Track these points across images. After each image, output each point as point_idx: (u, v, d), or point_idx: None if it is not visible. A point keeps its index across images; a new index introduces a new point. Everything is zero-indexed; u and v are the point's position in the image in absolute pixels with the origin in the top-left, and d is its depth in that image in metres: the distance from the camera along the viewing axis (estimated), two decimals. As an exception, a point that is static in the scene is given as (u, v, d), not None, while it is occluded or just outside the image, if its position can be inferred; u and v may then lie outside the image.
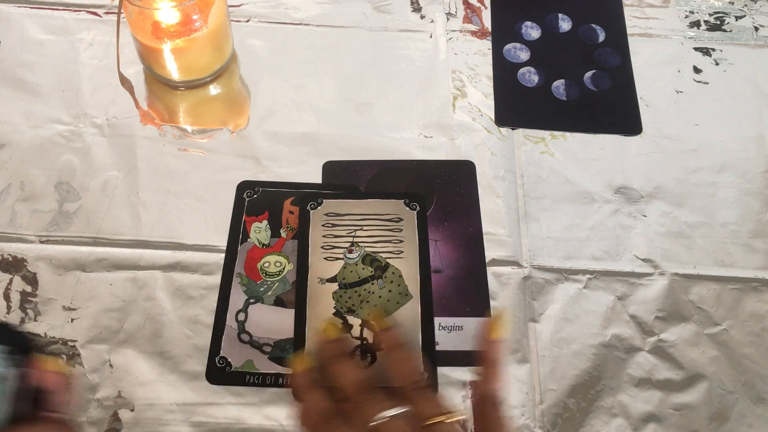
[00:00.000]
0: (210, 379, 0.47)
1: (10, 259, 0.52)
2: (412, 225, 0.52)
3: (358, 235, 0.52)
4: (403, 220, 0.52)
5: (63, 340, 0.49)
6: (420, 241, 0.52)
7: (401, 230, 0.52)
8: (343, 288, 0.50)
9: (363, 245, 0.51)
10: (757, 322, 0.51)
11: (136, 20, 0.56)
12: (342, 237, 0.51)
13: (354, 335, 0.48)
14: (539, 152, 0.59)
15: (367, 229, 0.52)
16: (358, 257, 0.51)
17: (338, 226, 0.52)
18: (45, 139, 0.57)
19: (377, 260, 0.51)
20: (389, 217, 0.53)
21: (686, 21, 0.68)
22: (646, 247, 0.54)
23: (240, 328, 0.49)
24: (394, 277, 0.50)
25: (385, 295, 0.49)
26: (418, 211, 0.53)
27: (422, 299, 0.49)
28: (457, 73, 0.63)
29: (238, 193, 0.55)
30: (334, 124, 0.59)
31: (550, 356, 0.49)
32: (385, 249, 0.51)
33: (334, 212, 0.52)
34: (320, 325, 0.45)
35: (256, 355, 0.48)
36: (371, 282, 0.50)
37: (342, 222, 0.52)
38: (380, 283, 0.50)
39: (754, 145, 0.60)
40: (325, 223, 0.52)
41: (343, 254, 0.51)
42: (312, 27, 0.66)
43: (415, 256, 0.51)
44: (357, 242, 0.51)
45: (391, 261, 0.51)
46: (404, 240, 0.52)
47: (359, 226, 0.52)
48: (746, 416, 0.48)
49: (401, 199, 0.54)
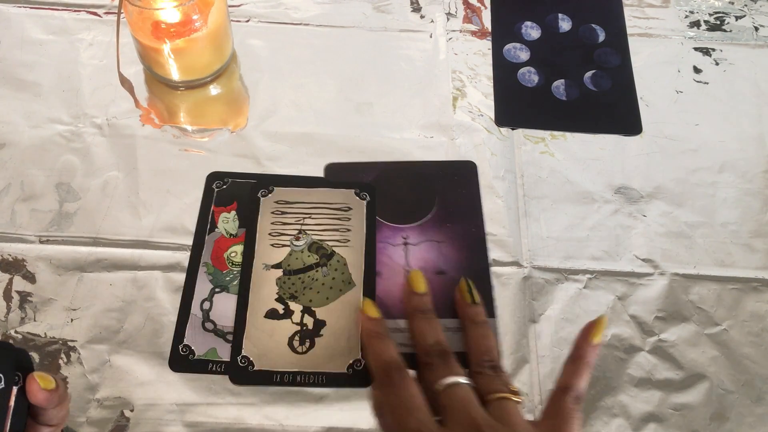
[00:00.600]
0: (173, 367, 0.47)
1: (9, 259, 0.52)
2: (361, 214, 0.53)
3: (306, 223, 0.53)
4: (352, 210, 0.53)
5: (63, 340, 0.49)
6: (367, 230, 0.53)
7: (349, 219, 0.53)
8: (287, 274, 0.50)
9: (310, 233, 0.52)
10: (757, 322, 0.51)
11: (136, 20, 0.56)
12: (290, 225, 0.52)
13: (294, 321, 0.49)
14: (539, 152, 0.59)
15: (315, 217, 0.53)
16: (304, 245, 0.52)
17: (287, 213, 0.53)
18: (45, 139, 0.57)
19: (323, 248, 0.51)
20: (338, 206, 0.53)
21: (686, 21, 0.68)
22: (646, 247, 0.54)
23: (204, 317, 0.49)
24: (338, 265, 0.51)
25: (329, 283, 0.50)
26: (368, 201, 0.54)
27: (365, 288, 0.50)
28: (457, 73, 0.63)
29: (207, 183, 0.55)
30: (334, 124, 0.59)
31: (550, 356, 0.49)
32: (332, 237, 0.52)
33: (284, 200, 0.53)
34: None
35: (219, 344, 0.48)
36: (315, 269, 0.51)
37: (291, 210, 0.53)
38: (324, 270, 0.51)
39: (754, 145, 0.60)
40: (274, 211, 0.53)
41: (290, 241, 0.52)
42: (312, 27, 0.66)
43: (361, 246, 0.52)
44: (305, 230, 0.52)
45: (338, 249, 0.52)
46: (351, 229, 0.52)
47: (308, 214, 0.53)
48: (746, 416, 0.48)
49: (352, 188, 0.54)
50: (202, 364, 0.48)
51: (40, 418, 0.36)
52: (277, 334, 0.48)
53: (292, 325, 0.48)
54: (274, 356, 0.47)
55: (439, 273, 0.52)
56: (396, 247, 0.53)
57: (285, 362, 0.47)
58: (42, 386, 0.35)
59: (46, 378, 0.35)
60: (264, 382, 0.46)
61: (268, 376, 0.47)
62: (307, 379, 0.46)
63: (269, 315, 0.49)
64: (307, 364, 0.47)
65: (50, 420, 0.36)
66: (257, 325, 0.48)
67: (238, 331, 0.48)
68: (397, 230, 0.54)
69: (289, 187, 0.54)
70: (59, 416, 0.37)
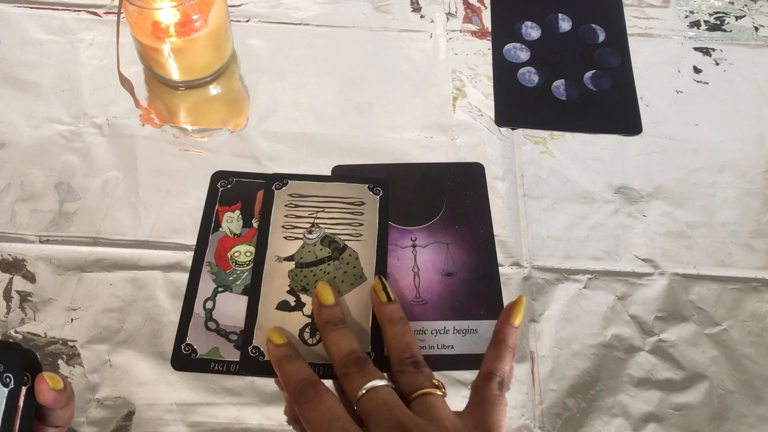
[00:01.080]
0: (175, 366, 0.47)
1: (10, 259, 0.52)
2: (374, 209, 0.53)
3: (319, 216, 0.53)
4: (366, 204, 0.53)
5: (63, 340, 0.49)
6: (380, 225, 0.53)
7: (362, 213, 0.53)
8: (299, 267, 0.51)
9: (323, 227, 0.52)
10: (757, 322, 0.51)
11: (136, 20, 0.56)
12: (303, 218, 0.53)
13: (305, 313, 0.49)
14: (539, 152, 0.59)
15: (329, 210, 0.53)
16: (317, 238, 0.52)
17: (301, 207, 0.53)
18: (45, 139, 0.57)
19: (336, 242, 0.52)
20: (352, 200, 0.54)
21: (686, 21, 0.68)
22: (646, 247, 0.54)
23: (207, 316, 0.49)
24: (350, 259, 0.51)
25: (340, 276, 0.50)
26: (381, 195, 0.54)
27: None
28: (457, 73, 0.63)
29: (212, 182, 0.55)
30: (334, 124, 0.59)
31: (550, 356, 0.49)
32: (344, 231, 0.52)
33: (298, 193, 0.54)
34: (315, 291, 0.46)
35: (222, 343, 0.48)
36: (327, 263, 0.51)
37: (305, 203, 0.53)
38: (336, 264, 0.51)
39: (754, 145, 0.60)
40: (288, 204, 0.53)
41: (302, 234, 0.52)
42: (312, 27, 0.66)
43: (373, 240, 0.52)
44: (318, 223, 0.52)
45: (350, 243, 0.52)
46: (364, 224, 0.53)
47: (321, 207, 0.53)
48: (746, 416, 0.48)
49: (366, 183, 0.54)
50: (204, 363, 0.47)
51: (47, 420, 0.36)
52: (288, 326, 0.48)
53: (303, 317, 0.49)
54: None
55: (447, 275, 0.52)
56: (405, 249, 0.53)
57: None
58: (51, 386, 0.35)
59: (54, 378, 0.35)
60: (274, 373, 0.46)
61: None
62: (317, 371, 0.46)
63: (280, 307, 0.49)
64: (317, 356, 0.47)
65: (57, 421, 0.36)
66: (268, 316, 0.48)
67: (250, 322, 0.48)
68: (406, 232, 0.54)
69: (303, 181, 0.55)
70: (65, 417, 0.36)
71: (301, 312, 0.49)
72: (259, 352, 0.47)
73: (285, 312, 0.49)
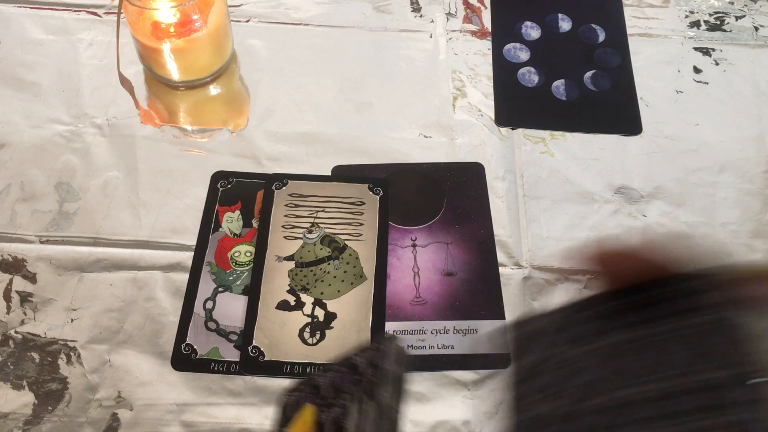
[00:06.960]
0: (175, 366, 0.47)
1: (10, 259, 0.52)
2: (374, 209, 0.54)
3: (319, 216, 0.53)
4: (365, 204, 0.54)
5: (63, 340, 0.49)
6: (380, 225, 0.53)
7: (362, 213, 0.53)
8: (299, 267, 0.51)
9: (323, 226, 0.52)
10: (757, 322, 0.51)
11: (136, 20, 0.56)
12: (303, 217, 0.53)
13: (305, 313, 0.49)
14: (539, 152, 0.59)
15: (329, 210, 0.53)
16: (317, 237, 0.52)
17: (301, 206, 0.53)
18: (45, 139, 0.57)
19: (336, 241, 0.52)
20: (352, 200, 0.54)
21: (686, 21, 0.68)
22: (646, 247, 0.54)
23: (207, 316, 0.49)
24: (350, 258, 0.51)
25: (340, 276, 0.51)
26: (381, 195, 0.54)
27: (376, 282, 0.50)
28: (457, 73, 0.63)
29: (212, 183, 0.55)
30: (334, 124, 0.59)
31: (550, 356, 0.49)
32: (344, 231, 0.53)
33: (298, 193, 0.54)
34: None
35: (221, 343, 0.48)
36: (327, 262, 0.51)
37: (305, 203, 0.54)
38: (336, 263, 0.51)
39: (754, 145, 0.60)
40: (288, 203, 0.53)
41: (302, 234, 0.52)
42: (312, 27, 0.66)
43: (373, 240, 0.52)
44: (317, 223, 0.53)
45: (350, 243, 0.52)
46: (364, 223, 0.53)
47: (321, 207, 0.53)
48: (746, 416, 0.48)
49: (366, 183, 0.55)
50: (204, 363, 0.48)
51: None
52: (288, 326, 0.48)
53: (303, 317, 0.49)
54: (285, 347, 0.48)
55: (447, 274, 0.52)
56: (405, 249, 0.53)
57: (295, 353, 0.47)
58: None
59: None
60: (274, 372, 0.46)
61: (278, 367, 0.47)
62: (317, 371, 0.46)
63: (281, 306, 0.49)
64: (317, 355, 0.47)
65: None
66: (268, 316, 0.49)
67: (250, 322, 0.48)
68: (406, 232, 0.54)
69: (303, 181, 0.55)
70: None
71: (301, 311, 0.49)
72: (259, 352, 0.47)
73: (285, 311, 0.49)
